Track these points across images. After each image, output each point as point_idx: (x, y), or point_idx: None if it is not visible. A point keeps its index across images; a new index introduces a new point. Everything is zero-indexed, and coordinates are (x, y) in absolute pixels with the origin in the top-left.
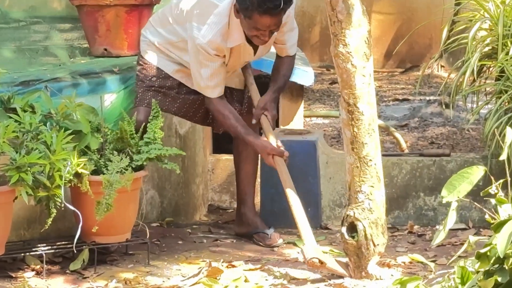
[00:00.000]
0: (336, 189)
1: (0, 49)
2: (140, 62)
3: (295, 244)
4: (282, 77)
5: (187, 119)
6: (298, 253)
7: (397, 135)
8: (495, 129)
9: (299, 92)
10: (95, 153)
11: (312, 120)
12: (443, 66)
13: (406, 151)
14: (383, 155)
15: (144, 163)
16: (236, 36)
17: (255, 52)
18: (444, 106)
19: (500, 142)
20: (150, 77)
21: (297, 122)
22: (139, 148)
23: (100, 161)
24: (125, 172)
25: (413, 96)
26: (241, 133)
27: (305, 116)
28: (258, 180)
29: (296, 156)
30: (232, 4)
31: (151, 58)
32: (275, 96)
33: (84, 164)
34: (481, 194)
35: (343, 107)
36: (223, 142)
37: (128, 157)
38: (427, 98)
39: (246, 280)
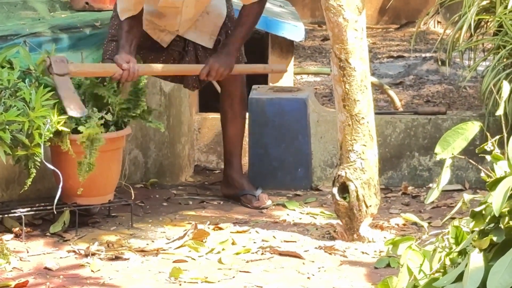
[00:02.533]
0: (327, 149)
1: None
2: (113, 11)
3: (284, 206)
4: (239, 34)
5: (162, 78)
6: None
7: (391, 93)
8: (493, 86)
9: (289, 48)
10: None
11: (303, 78)
12: (440, 22)
13: (401, 109)
14: (376, 113)
15: (127, 123)
16: None
17: None
18: (440, 63)
19: (497, 98)
20: (114, 26)
21: (287, 79)
22: (121, 106)
23: (81, 118)
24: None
25: (408, 53)
26: (120, 44)
27: (295, 74)
28: (246, 140)
29: (286, 114)
30: None
31: (119, 6)
32: (223, 53)
33: (65, 122)
34: (477, 151)
35: (335, 62)
36: (210, 100)
37: (109, 114)
38: (423, 55)
39: (233, 243)
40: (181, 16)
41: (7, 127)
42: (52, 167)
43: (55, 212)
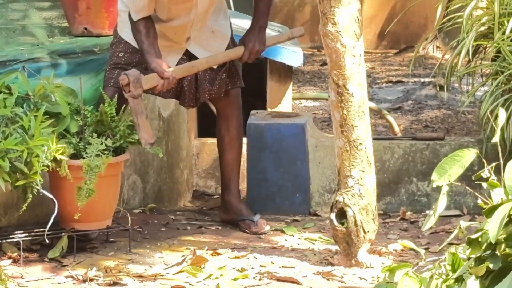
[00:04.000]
0: (326, 174)
1: None
2: (113, 38)
3: (282, 231)
4: (264, 7)
5: (160, 95)
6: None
7: (390, 118)
8: (491, 112)
9: (287, 73)
10: (75, 136)
11: (302, 103)
12: (439, 47)
13: (399, 134)
14: (374, 138)
15: (125, 148)
16: None
17: None
18: (438, 88)
19: (493, 124)
20: (117, 53)
21: (286, 104)
22: (119, 131)
23: (80, 144)
24: (105, 156)
25: (407, 78)
26: (143, 49)
27: (294, 99)
28: (244, 165)
29: (284, 139)
30: None
31: (120, 30)
32: (257, 30)
33: (63, 149)
34: (473, 178)
35: (332, 88)
36: (208, 125)
37: (108, 139)
38: (422, 80)
39: (231, 269)
40: (197, 9)
41: (5, 154)
42: (49, 195)
43: (46, 239)
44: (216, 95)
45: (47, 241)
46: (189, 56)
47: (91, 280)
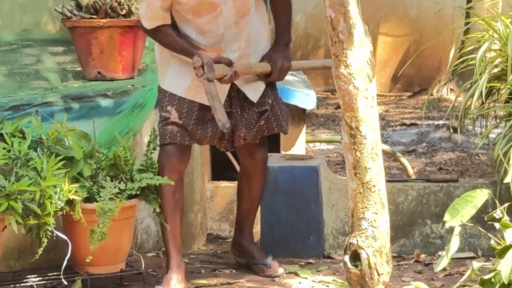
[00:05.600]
0: (340, 217)
1: None
2: (158, 94)
3: (296, 274)
4: (286, 22)
5: (199, 142)
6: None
7: (404, 160)
8: (503, 154)
9: (301, 116)
10: (88, 180)
11: (315, 146)
12: (453, 89)
13: (413, 177)
14: (388, 181)
15: (137, 192)
16: None
17: None
18: (452, 131)
19: (506, 165)
20: (165, 108)
21: (299, 147)
22: (133, 175)
23: (93, 188)
24: (119, 200)
25: (421, 120)
26: (187, 48)
27: (307, 142)
28: (258, 207)
29: (298, 182)
30: None
31: (161, 82)
32: (282, 47)
33: (76, 191)
34: (486, 219)
35: (345, 130)
36: (222, 169)
37: (122, 183)
38: (436, 122)
39: None
40: (222, 17)
41: (18, 196)
42: (63, 236)
43: (64, 282)
44: (251, 142)
45: (65, 282)
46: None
47: None
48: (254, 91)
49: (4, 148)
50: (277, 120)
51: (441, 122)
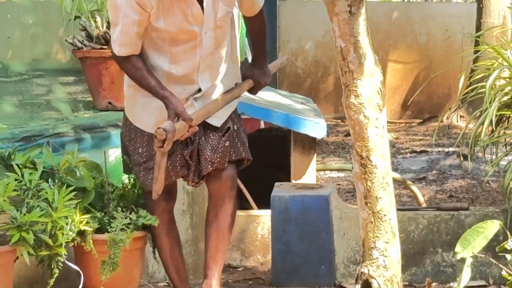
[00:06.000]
0: (351, 245)
1: (1, 103)
2: (125, 131)
3: None
4: (262, 39)
5: (170, 178)
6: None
7: (414, 188)
8: None
9: (311, 145)
10: (99, 210)
11: (326, 174)
12: (463, 116)
13: (424, 205)
14: (398, 209)
15: (148, 222)
16: None
17: (202, 9)
18: (462, 158)
19: None
20: (137, 150)
21: (310, 175)
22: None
23: (104, 218)
24: (130, 230)
25: (431, 147)
26: (154, 86)
27: (318, 170)
28: (269, 237)
29: (309, 211)
30: None
31: (129, 112)
32: (261, 63)
33: (87, 222)
34: (497, 250)
35: (356, 160)
36: None
37: (133, 213)
38: (446, 149)
39: None
40: (202, 48)
41: (30, 227)
42: (75, 267)
43: None
44: (219, 165)
45: None
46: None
47: None
48: (217, 119)
49: (15, 179)
50: (244, 145)
51: (451, 149)
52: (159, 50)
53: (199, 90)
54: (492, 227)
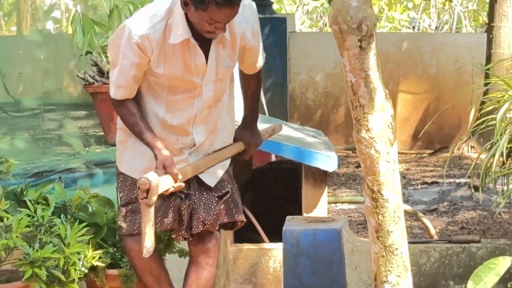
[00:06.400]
0: (362, 279)
1: (13, 138)
2: (117, 179)
3: None
4: (255, 99)
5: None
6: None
7: (426, 220)
8: None
9: (322, 178)
10: (111, 245)
11: (337, 206)
12: (473, 147)
13: (435, 237)
14: (410, 242)
15: (163, 256)
16: (180, 31)
17: (206, 58)
18: (474, 189)
19: None
20: (119, 194)
21: (321, 208)
22: (158, 240)
23: (117, 254)
24: None
25: (442, 178)
26: (147, 135)
27: (329, 203)
28: (281, 270)
29: (320, 245)
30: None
31: (118, 158)
32: (252, 124)
33: (100, 257)
34: (509, 286)
35: (367, 194)
36: (244, 231)
37: None
38: (457, 180)
39: None
40: (200, 99)
41: (42, 263)
42: None
43: None
44: (211, 227)
45: None
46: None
47: None
48: (211, 177)
49: (28, 215)
50: (236, 207)
51: (462, 180)
52: (156, 97)
53: (194, 143)
54: (504, 263)
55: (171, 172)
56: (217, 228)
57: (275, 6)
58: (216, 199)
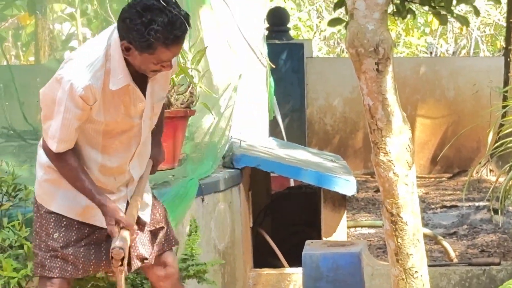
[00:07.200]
0: None
1: (32, 166)
2: (36, 217)
3: None
4: (163, 114)
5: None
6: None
7: (445, 244)
8: None
9: (341, 202)
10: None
11: (357, 230)
12: (492, 170)
13: (455, 260)
14: (430, 265)
15: (183, 282)
16: (120, 76)
17: (144, 95)
18: (493, 212)
19: None
20: (51, 235)
21: (340, 232)
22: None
23: (137, 279)
24: None
25: (461, 202)
26: (90, 190)
27: (349, 227)
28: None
29: (340, 268)
30: (111, 42)
31: (47, 203)
32: (156, 142)
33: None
34: None
35: (386, 217)
36: (265, 256)
37: None
38: (476, 204)
39: None
40: (137, 138)
41: None
42: None
43: None
44: (149, 262)
45: None
46: None
47: None
48: (143, 214)
49: None
50: (172, 233)
51: (481, 203)
52: (90, 142)
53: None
54: None
55: (127, 225)
56: (153, 261)
57: (292, 33)
58: (149, 233)
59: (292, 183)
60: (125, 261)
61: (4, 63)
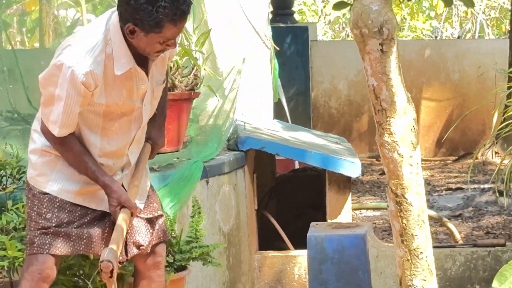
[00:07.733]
0: (388, 284)
1: None
2: (28, 195)
3: None
4: (166, 96)
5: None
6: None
7: (451, 225)
8: None
9: (346, 184)
10: None
11: (362, 213)
12: (497, 153)
13: (460, 242)
14: (435, 247)
15: (187, 264)
16: (123, 60)
17: (147, 76)
18: (498, 194)
19: None
20: (43, 215)
21: (345, 215)
22: (180, 247)
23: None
24: (168, 272)
25: (467, 184)
26: (94, 172)
27: (354, 209)
28: (306, 277)
29: (345, 250)
30: (109, 27)
31: (41, 185)
32: (158, 124)
33: (125, 265)
34: None
35: (391, 198)
36: (269, 238)
37: (170, 255)
38: (481, 186)
39: None
40: (137, 122)
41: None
42: None
43: None
44: (145, 250)
45: None
46: None
47: None
48: (140, 202)
49: None
50: (163, 231)
51: (487, 185)
52: (90, 125)
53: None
54: None
55: (130, 207)
56: (149, 249)
57: (297, 17)
58: (145, 220)
59: (297, 166)
60: (115, 273)
61: (9, 48)
